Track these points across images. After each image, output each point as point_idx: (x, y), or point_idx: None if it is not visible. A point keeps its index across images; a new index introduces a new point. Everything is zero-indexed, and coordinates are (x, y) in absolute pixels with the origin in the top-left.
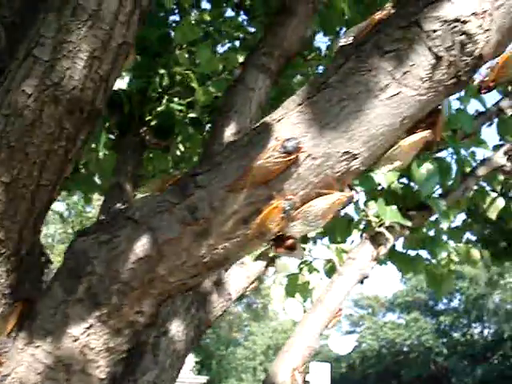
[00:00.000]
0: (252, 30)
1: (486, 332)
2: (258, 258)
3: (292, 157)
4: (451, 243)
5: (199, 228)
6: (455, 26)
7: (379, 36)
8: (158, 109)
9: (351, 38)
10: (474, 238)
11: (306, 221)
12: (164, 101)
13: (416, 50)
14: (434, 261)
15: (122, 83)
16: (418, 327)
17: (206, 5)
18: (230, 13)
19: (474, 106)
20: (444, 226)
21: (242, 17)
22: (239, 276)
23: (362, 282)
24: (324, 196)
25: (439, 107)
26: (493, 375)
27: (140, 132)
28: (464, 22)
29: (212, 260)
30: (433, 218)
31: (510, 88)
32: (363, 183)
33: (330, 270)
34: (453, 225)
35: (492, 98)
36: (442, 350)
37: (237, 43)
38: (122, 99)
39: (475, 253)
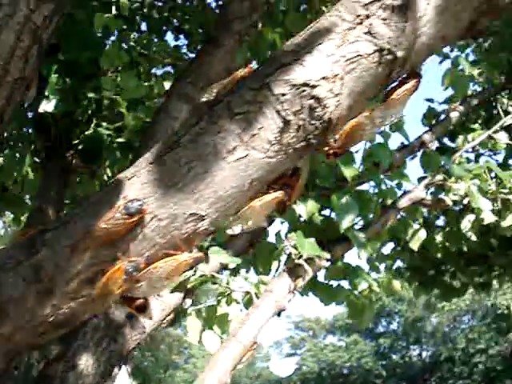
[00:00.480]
0: (191, 55)
1: (424, 354)
2: (174, 290)
3: (134, 219)
4: (373, 274)
5: (43, 287)
6: (304, 90)
7: (232, 97)
8: (86, 133)
9: (214, 93)
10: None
11: (152, 282)
12: (92, 125)
13: (265, 113)
14: (355, 291)
15: (48, 106)
16: (358, 349)
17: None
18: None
19: (399, 139)
20: (362, 258)
21: (182, 41)
22: (154, 308)
23: (278, 314)
24: (170, 257)
25: (299, 169)
26: None
27: (67, 156)
28: (313, 87)
29: (58, 319)
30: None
31: (433, 121)
32: (284, 215)
33: (248, 302)
34: (384, 252)
35: (417, 130)
36: (382, 373)
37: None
38: (49, 122)
39: (396, 284)
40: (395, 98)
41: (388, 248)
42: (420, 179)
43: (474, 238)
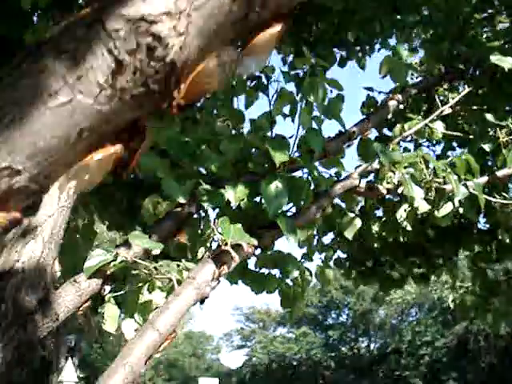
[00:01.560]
0: None
1: (372, 346)
2: (92, 276)
3: None
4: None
5: None
6: (140, 26)
7: (63, 33)
8: None
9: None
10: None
11: None
12: None
13: (95, 51)
14: (287, 280)
15: None
16: (307, 341)
17: None
18: None
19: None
20: (291, 243)
21: None
22: (70, 295)
23: (201, 302)
24: None
25: (144, 126)
26: None
27: None
28: (152, 22)
29: None
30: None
31: (371, 110)
32: (211, 200)
33: (171, 290)
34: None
35: (355, 119)
36: (330, 364)
37: None
38: None
39: (329, 273)
40: (256, 44)
41: (328, 238)
42: (357, 168)
43: (409, 227)
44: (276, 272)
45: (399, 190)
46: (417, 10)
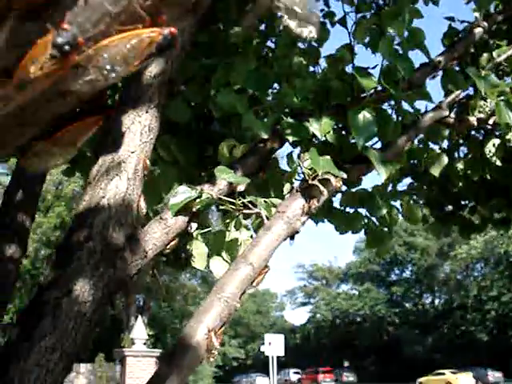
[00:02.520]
0: None
1: (436, 302)
2: (178, 213)
3: None
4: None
5: None
6: None
7: None
8: None
9: None
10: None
11: (100, 67)
12: None
13: None
14: (373, 218)
15: None
16: (371, 298)
17: None
18: None
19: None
20: (383, 178)
21: None
22: (157, 232)
23: (292, 237)
24: (128, 32)
25: None
26: (443, 344)
27: None
28: None
29: None
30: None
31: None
32: (296, 133)
33: (259, 226)
34: (399, 188)
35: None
36: (394, 320)
37: None
38: None
39: (417, 211)
40: None
41: (404, 184)
42: (445, 98)
43: (498, 163)
44: (362, 210)
45: (490, 121)
46: None
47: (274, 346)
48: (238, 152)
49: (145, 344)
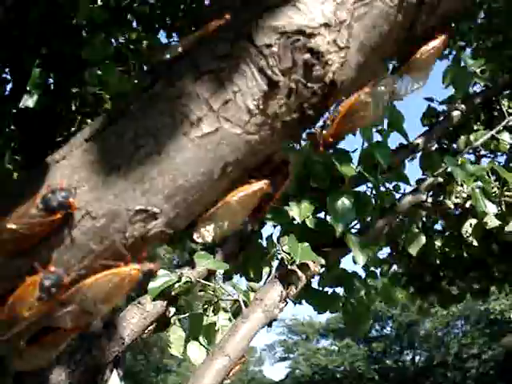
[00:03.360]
0: None
1: (417, 359)
2: (157, 298)
3: (56, 216)
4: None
5: None
6: (297, 40)
7: (199, 51)
8: (71, 130)
9: (179, 52)
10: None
11: (83, 305)
12: (76, 121)
13: (244, 71)
14: (351, 299)
15: (30, 101)
16: (351, 353)
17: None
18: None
19: (397, 139)
20: (360, 263)
21: (175, 38)
22: (135, 317)
23: (269, 324)
24: (110, 270)
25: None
26: None
27: (48, 154)
28: (311, 36)
29: None
30: None
31: (433, 121)
32: (276, 218)
33: (237, 311)
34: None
35: (416, 130)
36: (374, 377)
37: None
38: (31, 118)
39: (395, 293)
40: (420, 58)
41: (384, 252)
42: (419, 181)
43: (475, 243)
44: (340, 291)
45: (467, 204)
46: (473, 16)
47: None
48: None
49: None
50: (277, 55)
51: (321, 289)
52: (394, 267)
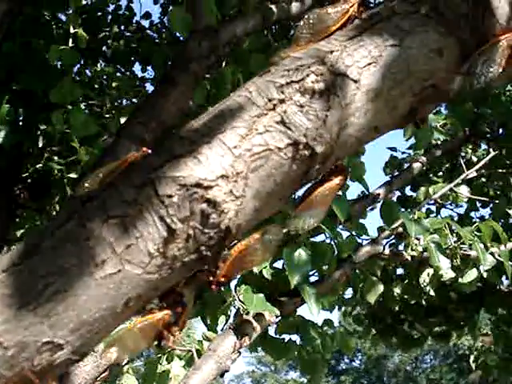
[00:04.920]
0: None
1: None
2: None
3: None
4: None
5: None
6: (195, 192)
7: (109, 193)
8: (36, 166)
9: (98, 179)
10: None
11: None
12: (43, 159)
13: (146, 218)
14: (307, 347)
15: None
16: None
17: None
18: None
19: (358, 188)
20: (314, 314)
21: (150, 72)
22: (87, 365)
23: (221, 375)
24: None
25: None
26: None
27: (14, 190)
28: (208, 188)
29: None
30: None
31: (395, 171)
32: None
33: (190, 361)
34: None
35: (378, 178)
36: None
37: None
38: None
39: (351, 341)
40: (315, 199)
41: (348, 293)
42: (379, 229)
43: (432, 292)
44: (296, 338)
45: (424, 255)
46: None
47: None
48: (121, 358)
49: None
50: (176, 205)
51: (277, 336)
52: (358, 308)
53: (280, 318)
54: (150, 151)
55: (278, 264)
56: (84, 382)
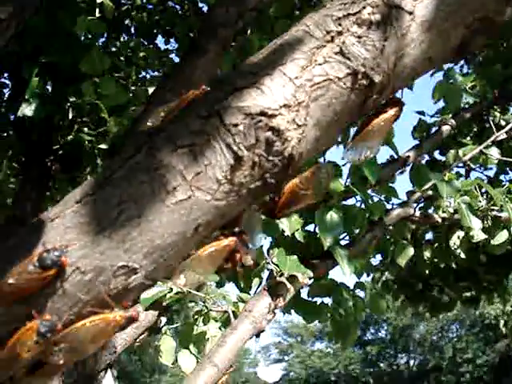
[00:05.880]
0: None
1: (411, 362)
2: (148, 308)
3: (50, 273)
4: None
5: None
6: (260, 121)
7: (176, 125)
8: (67, 138)
9: (160, 117)
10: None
11: (73, 346)
12: (73, 130)
13: (214, 146)
14: (339, 310)
15: (28, 110)
16: (346, 356)
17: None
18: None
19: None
20: (347, 275)
21: (173, 45)
22: (127, 328)
23: (257, 335)
24: (97, 316)
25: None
26: None
27: (46, 162)
28: (272, 116)
29: None
30: None
31: (424, 135)
32: (266, 230)
33: (226, 322)
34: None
35: (407, 143)
36: (369, 380)
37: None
38: (29, 126)
39: (382, 303)
40: (372, 130)
41: (376, 259)
42: (409, 193)
43: (462, 255)
44: (328, 301)
45: (454, 217)
46: None
47: None
48: (191, 285)
49: None
50: (242, 133)
51: (309, 299)
52: (386, 274)
53: (312, 280)
54: (208, 88)
55: (310, 227)
56: (124, 344)
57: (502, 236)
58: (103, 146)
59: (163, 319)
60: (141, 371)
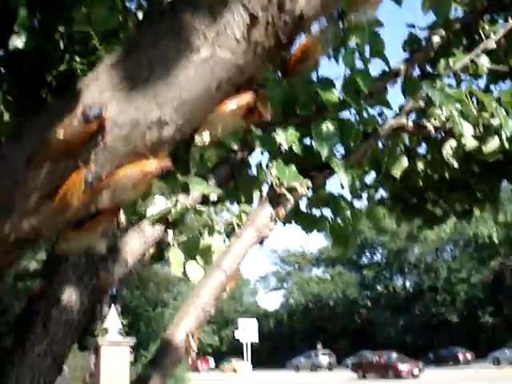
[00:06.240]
0: None
1: (407, 284)
2: (155, 223)
3: (93, 125)
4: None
5: (1, 205)
6: None
7: None
8: (60, 69)
9: None
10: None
11: (115, 193)
12: (65, 60)
13: (230, 7)
14: (338, 220)
15: (18, 42)
16: (343, 281)
17: None
18: None
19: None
20: (345, 184)
21: None
22: (135, 241)
23: (261, 242)
24: (135, 165)
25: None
26: (414, 325)
27: (40, 93)
28: None
29: (19, 237)
30: None
31: (414, 47)
32: (264, 144)
33: (231, 233)
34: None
35: (398, 57)
36: (366, 303)
37: None
38: (20, 58)
39: (378, 211)
40: None
41: (370, 178)
42: (402, 107)
43: (455, 164)
44: (327, 213)
45: (447, 126)
46: None
47: (247, 331)
48: (211, 161)
49: (119, 333)
50: None
51: (308, 211)
52: (381, 192)
53: (311, 192)
54: None
55: (306, 141)
56: (134, 257)
57: (493, 143)
58: None
59: (170, 232)
60: (144, 306)
